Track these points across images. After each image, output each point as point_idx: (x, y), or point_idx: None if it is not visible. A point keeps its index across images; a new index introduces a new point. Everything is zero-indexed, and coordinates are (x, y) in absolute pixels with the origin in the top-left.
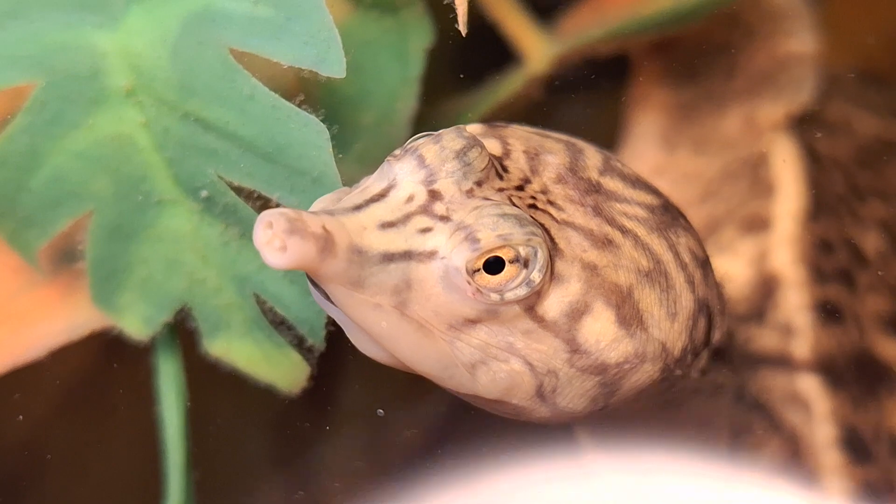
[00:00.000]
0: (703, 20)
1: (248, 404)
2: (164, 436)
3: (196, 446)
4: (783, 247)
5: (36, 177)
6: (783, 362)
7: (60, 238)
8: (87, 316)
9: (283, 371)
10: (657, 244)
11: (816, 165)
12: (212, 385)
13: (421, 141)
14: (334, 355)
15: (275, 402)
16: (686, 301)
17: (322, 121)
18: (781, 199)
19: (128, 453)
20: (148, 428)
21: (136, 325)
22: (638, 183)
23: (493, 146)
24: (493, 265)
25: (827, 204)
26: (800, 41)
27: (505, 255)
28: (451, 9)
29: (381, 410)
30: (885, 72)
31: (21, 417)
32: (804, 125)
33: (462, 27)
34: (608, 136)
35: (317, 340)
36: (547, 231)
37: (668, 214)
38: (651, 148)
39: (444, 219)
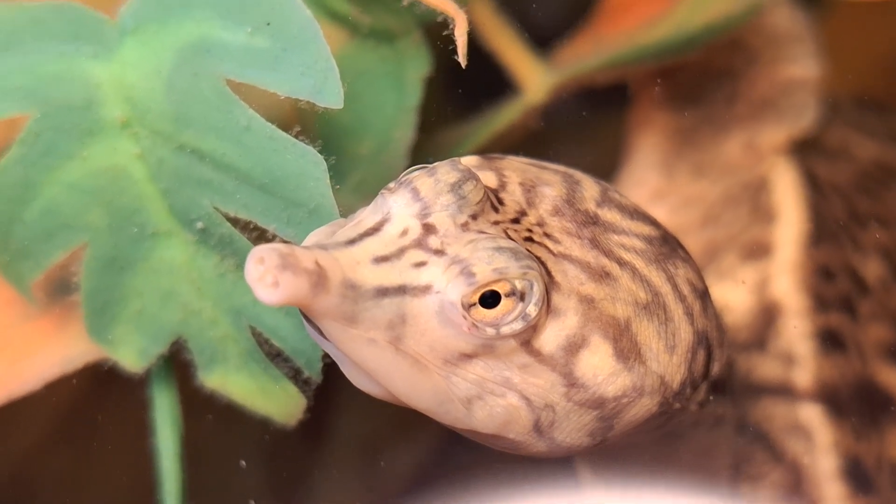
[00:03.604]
0: (703, 49)
1: (243, 436)
2: (159, 468)
3: (191, 479)
4: (784, 274)
5: (30, 209)
6: (785, 391)
7: (55, 270)
8: (81, 348)
9: (280, 403)
10: (655, 276)
11: (817, 191)
12: (207, 417)
13: (415, 174)
14: (331, 387)
15: (271, 434)
16: (685, 333)
17: (319, 151)
18: (782, 225)
19: (123, 485)
20: (143, 460)
21: (131, 357)
22: (636, 214)
23: (489, 178)
24: (489, 299)
25: (828, 230)
26: (801, 67)
27: (501, 288)
28: (449, 38)
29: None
30: (885, 97)
31: (15, 449)
32: (805, 150)
33: (462, 59)
34: (606, 165)
35: (313, 373)
36: (543, 264)
37: (667, 246)
38: (651, 172)
39: (439, 253)
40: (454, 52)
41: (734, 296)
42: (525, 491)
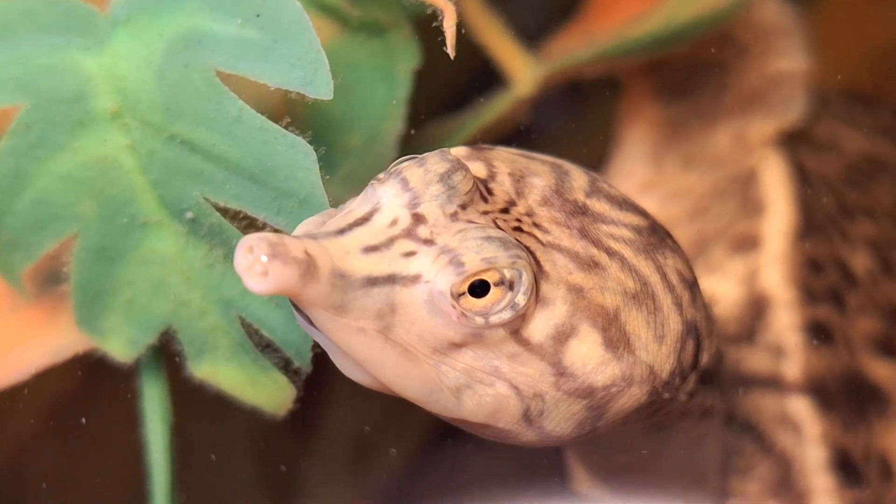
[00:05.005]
0: (692, 42)
1: (233, 427)
2: (148, 458)
3: (181, 469)
4: (773, 266)
5: (20, 199)
6: (774, 383)
7: (45, 260)
8: (71, 338)
9: (269, 394)
10: (644, 266)
11: (805, 184)
12: (197, 408)
13: (405, 164)
14: (321, 377)
15: (260, 425)
16: (674, 323)
17: (309, 142)
18: (771, 218)
19: (112, 476)
20: (132, 450)
21: (121, 347)
22: (625, 204)
23: (478, 169)
24: (478, 288)
25: (816, 223)
26: (790, 60)
27: (490, 278)
28: (439, 31)
29: (393, 450)
30: (872, 90)
31: (4, 439)
32: (793, 143)
33: (450, 51)
34: (595, 157)
35: (303, 363)
36: (532, 253)
37: (656, 236)
38: (640, 164)
39: (428, 242)
40: (444, 44)
41: (723, 288)
42: (517, 482)
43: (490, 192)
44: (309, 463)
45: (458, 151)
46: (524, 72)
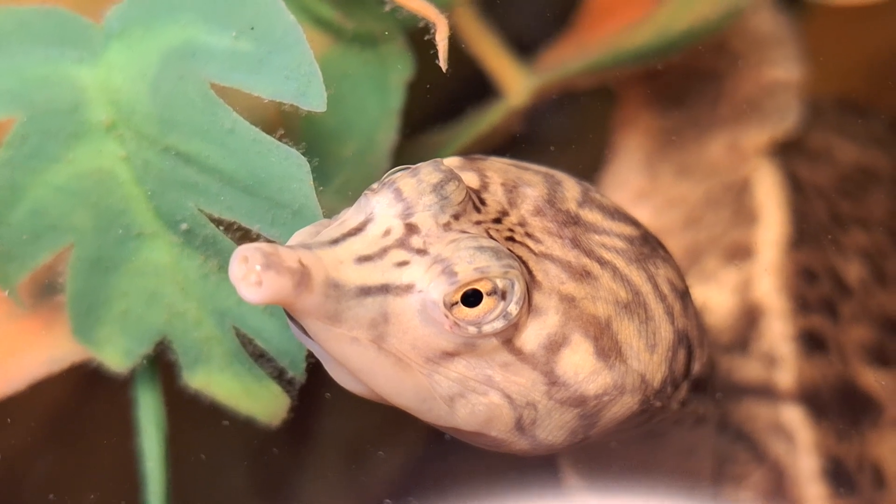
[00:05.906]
0: (686, 53)
1: (228, 437)
2: (143, 469)
3: (176, 479)
4: (766, 276)
5: (16, 210)
6: (767, 392)
7: (41, 271)
8: (67, 349)
9: (264, 403)
10: (636, 275)
11: (799, 193)
12: (191, 417)
13: (398, 174)
14: (315, 387)
15: (255, 435)
16: (665, 332)
17: (303, 154)
18: (764, 228)
19: (107, 486)
20: (128, 460)
21: (116, 357)
22: (617, 214)
23: (471, 179)
24: (471, 298)
25: (809, 232)
26: (784, 69)
27: (482, 287)
28: (432, 42)
29: (381, 452)
30: (866, 100)
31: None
32: (787, 152)
33: (443, 63)
34: (590, 167)
35: (297, 373)
36: (524, 263)
37: (648, 245)
38: (635, 173)
39: (421, 252)
40: (437, 56)
41: (716, 297)
42: (510, 491)
43: (483, 202)
44: (303, 472)
45: (451, 162)
46: (517, 82)
